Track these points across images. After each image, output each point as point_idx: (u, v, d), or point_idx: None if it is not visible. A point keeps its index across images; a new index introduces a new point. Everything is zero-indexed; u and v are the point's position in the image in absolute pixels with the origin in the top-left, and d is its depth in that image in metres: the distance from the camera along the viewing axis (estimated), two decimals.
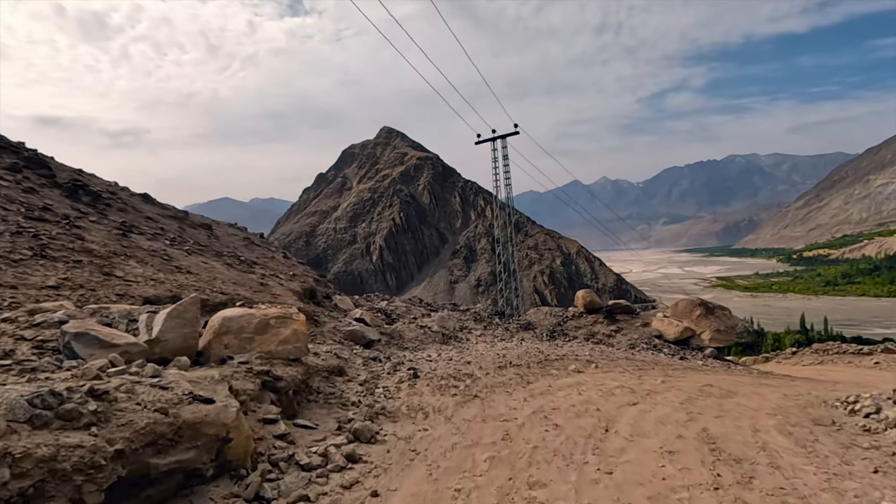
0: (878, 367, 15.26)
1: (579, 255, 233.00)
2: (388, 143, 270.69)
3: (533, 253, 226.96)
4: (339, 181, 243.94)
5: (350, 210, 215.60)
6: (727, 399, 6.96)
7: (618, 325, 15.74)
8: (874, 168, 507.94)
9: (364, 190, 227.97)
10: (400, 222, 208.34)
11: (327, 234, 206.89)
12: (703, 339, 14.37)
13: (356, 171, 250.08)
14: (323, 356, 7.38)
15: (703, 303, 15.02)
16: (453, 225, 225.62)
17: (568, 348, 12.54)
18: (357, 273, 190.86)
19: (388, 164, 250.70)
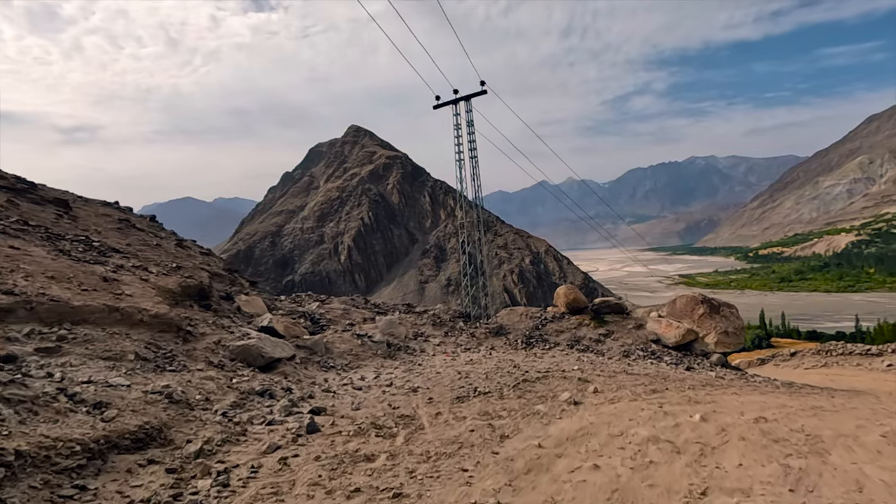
0: (894, 370, 13.37)
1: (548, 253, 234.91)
2: (357, 141, 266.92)
3: (502, 252, 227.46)
4: (305, 180, 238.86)
5: (317, 209, 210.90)
6: (835, 453, 4.15)
7: (607, 328, 13.15)
8: (823, 170, 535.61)
9: (332, 189, 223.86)
10: (369, 222, 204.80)
11: (294, 234, 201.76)
12: (708, 343, 11.95)
13: (324, 169, 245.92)
14: (147, 400, 4.26)
15: (706, 299, 12.58)
16: (423, 224, 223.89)
17: (550, 360, 9.91)
18: (325, 274, 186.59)
19: (356, 162, 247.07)
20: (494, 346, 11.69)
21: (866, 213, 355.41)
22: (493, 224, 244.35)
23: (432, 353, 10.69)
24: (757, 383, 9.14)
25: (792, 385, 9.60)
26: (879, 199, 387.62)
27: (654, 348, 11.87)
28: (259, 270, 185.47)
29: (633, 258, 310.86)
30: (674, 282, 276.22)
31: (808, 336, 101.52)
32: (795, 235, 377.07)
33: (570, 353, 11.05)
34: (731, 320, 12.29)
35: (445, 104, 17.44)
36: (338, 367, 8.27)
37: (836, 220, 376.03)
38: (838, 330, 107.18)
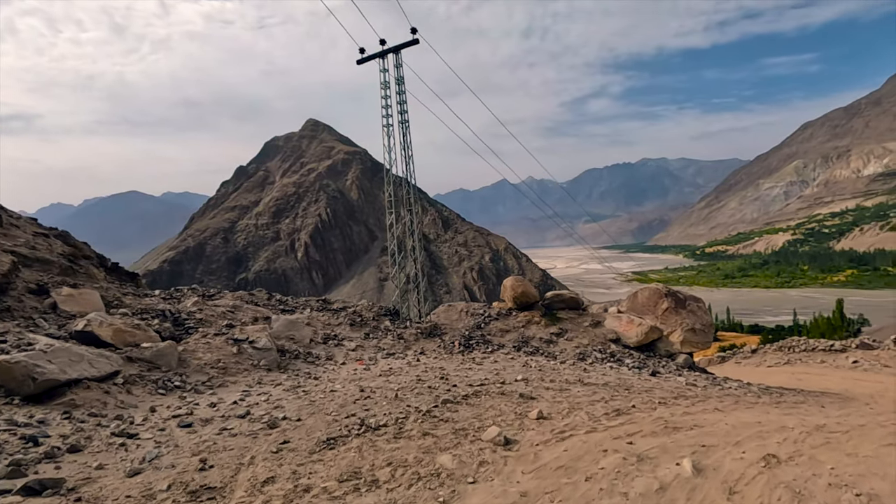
0: (860, 367, 12.42)
1: (507, 251, 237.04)
2: (315, 136, 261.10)
3: (462, 249, 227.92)
4: (261, 175, 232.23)
5: (273, 205, 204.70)
6: None
7: (560, 326, 11.35)
8: (763, 173, 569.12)
9: (288, 184, 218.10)
10: (327, 218, 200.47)
11: (248, 230, 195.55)
12: (673, 343, 10.40)
13: (280, 164, 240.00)
14: None
15: (671, 292, 11.03)
16: (383, 221, 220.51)
17: (490, 367, 8.10)
18: (281, 271, 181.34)
19: (314, 157, 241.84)
20: (425, 351, 9.77)
21: (801, 213, 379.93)
22: (453, 222, 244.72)
23: (343, 360, 8.65)
24: (733, 390, 7.59)
25: (769, 390, 8.14)
26: (812, 200, 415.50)
27: (613, 349, 10.17)
28: (211, 268, 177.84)
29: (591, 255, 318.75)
30: (627, 279, 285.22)
31: (750, 330, 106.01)
32: (738, 234, 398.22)
33: (517, 357, 9.27)
34: (699, 316, 10.79)
35: (370, 58, 15.02)
36: (187, 387, 6.08)
37: (775, 221, 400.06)
38: (778, 324, 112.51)
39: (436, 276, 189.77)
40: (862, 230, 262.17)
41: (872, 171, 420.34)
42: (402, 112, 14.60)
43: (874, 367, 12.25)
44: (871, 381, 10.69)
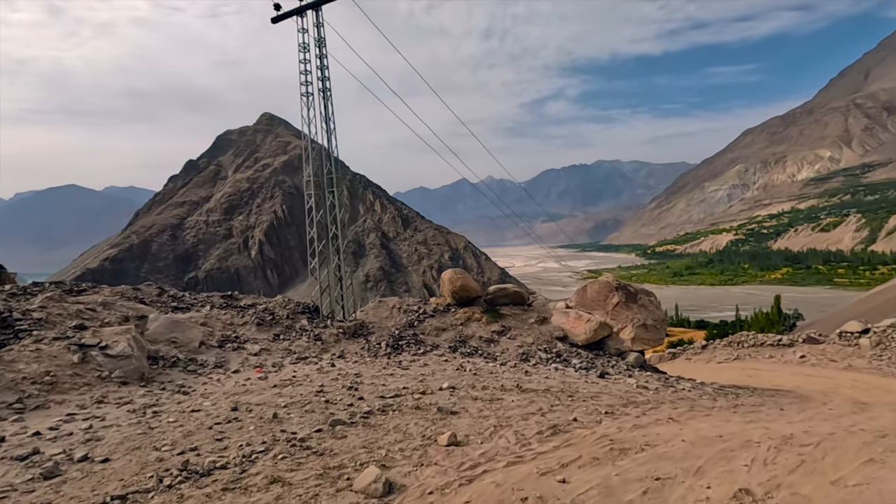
0: (808, 362, 13.05)
1: (467, 249, 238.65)
2: (270, 130, 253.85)
3: (422, 248, 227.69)
4: (212, 169, 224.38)
5: (225, 201, 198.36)
6: None
7: (503, 323, 10.79)
8: (709, 176, 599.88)
9: (242, 180, 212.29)
10: (282, 215, 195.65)
11: (198, 227, 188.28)
12: (624, 340, 10.34)
13: (233, 158, 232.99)
14: None
15: (621, 286, 10.91)
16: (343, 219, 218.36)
17: (416, 373, 7.37)
18: (234, 270, 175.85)
19: (269, 152, 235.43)
20: (345, 353, 8.81)
21: (742, 215, 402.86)
22: (412, 220, 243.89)
23: (237, 368, 7.55)
24: (687, 392, 7.50)
25: (724, 391, 8.22)
26: (753, 203, 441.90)
27: (559, 348, 9.90)
28: (157, 266, 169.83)
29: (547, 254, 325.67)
30: (583, 277, 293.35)
31: (697, 325, 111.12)
32: (686, 234, 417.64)
33: (451, 358, 8.59)
34: (651, 310, 10.74)
35: (287, 15, 13.66)
36: None
37: (719, 221, 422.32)
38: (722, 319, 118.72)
39: (395, 274, 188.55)
40: (796, 231, 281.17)
41: (805, 176, 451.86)
42: (324, 79, 13.44)
43: (821, 362, 12.87)
44: (821, 377, 11.14)
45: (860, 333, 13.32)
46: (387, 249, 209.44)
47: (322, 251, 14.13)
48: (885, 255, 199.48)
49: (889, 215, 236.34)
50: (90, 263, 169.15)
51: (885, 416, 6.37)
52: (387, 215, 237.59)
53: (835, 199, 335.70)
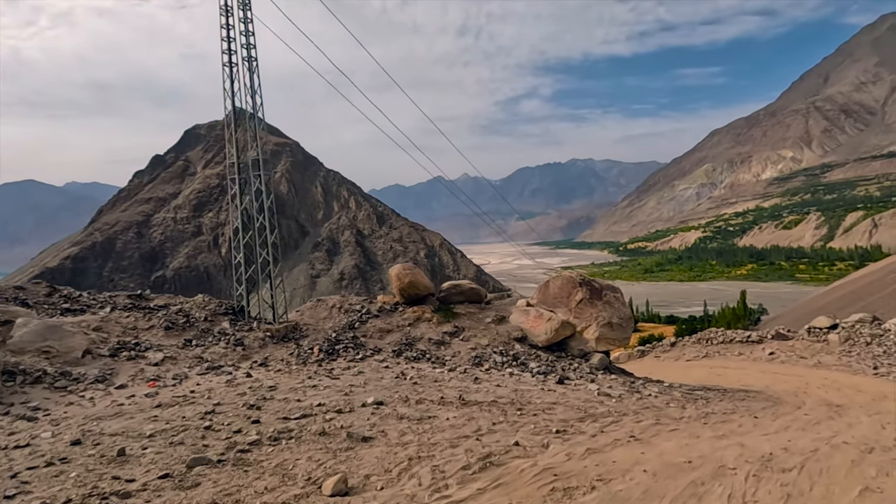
0: (777, 359, 12.69)
1: (442, 247, 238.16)
2: (240, 125, 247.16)
3: (398, 245, 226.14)
4: (180, 165, 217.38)
5: (194, 198, 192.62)
6: None
7: (456, 324, 9.77)
8: (678, 175, 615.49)
9: (212, 175, 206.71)
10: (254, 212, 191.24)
11: (165, 224, 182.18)
12: (588, 340, 9.58)
13: (202, 154, 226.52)
14: None
15: (585, 281, 10.12)
16: (315, 216, 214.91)
17: (345, 384, 6.29)
18: (203, 268, 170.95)
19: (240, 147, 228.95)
20: (268, 361, 7.63)
21: (710, 213, 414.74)
22: (388, 217, 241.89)
23: (125, 382, 6.37)
24: (654, 398, 6.79)
25: (693, 395, 7.59)
26: (720, 201, 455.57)
27: (517, 350, 9.05)
28: (122, 265, 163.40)
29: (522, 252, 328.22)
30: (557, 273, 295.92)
31: (667, 320, 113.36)
32: (656, 232, 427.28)
33: (393, 364, 7.58)
34: (616, 308, 10.00)
35: None
36: None
37: (688, 219, 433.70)
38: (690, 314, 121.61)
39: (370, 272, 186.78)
40: (761, 228, 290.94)
41: (769, 176, 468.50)
42: (249, 47, 12.04)
43: (790, 359, 12.51)
44: (790, 375, 10.73)
45: (829, 329, 13.09)
46: (362, 247, 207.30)
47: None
48: (842, 252, 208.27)
49: (846, 214, 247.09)
50: (49, 262, 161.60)
51: (863, 422, 5.86)
52: (362, 212, 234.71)
53: (796, 197, 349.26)
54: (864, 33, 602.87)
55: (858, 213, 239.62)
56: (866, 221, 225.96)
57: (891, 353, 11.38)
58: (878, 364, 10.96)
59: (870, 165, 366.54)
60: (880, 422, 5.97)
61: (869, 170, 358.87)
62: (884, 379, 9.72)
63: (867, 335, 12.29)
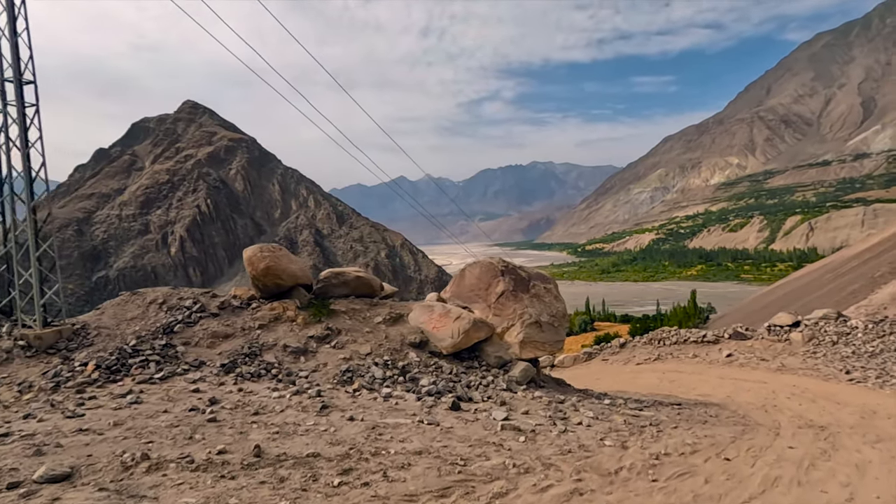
0: (736, 361, 11.18)
1: (403, 247, 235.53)
2: (193, 119, 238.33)
3: (358, 245, 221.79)
4: (126, 159, 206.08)
5: (141, 194, 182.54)
6: None
7: (332, 324, 7.28)
8: (633, 179, 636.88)
9: (161, 171, 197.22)
10: (207, 210, 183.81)
11: (109, 221, 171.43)
12: (510, 344, 7.46)
13: (151, 148, 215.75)
14: None
15: (509, 269, 7.88)
16: (271, 215, 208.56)
17: (69, 430, 3.80)
18: (150, 268, 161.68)
19: (192, 143, 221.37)
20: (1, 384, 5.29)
21: (663, 216, 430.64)
22: (348, 216, 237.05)
23: None
24: (583, 431, 4.68)
25: (641, 417, 5.64)
26: (672, 205, 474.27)
27: (411, 360, 6.71)
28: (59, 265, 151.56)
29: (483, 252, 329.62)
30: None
31: (622, 319, 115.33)
32: (613, 234, 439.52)
33: (212, 387, 5.24)
34: (548, 303, 7.82)
35: None
36: None
37: (642, 222, 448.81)
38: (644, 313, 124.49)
39: None
40: (709, 231, 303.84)
41: (717, 181, 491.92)
42: None
43: (750, 361, 11.00)
44: (753, 382, 9.11)
45: (790, 327, 11.75)
46: (321, 247, 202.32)
47: None
48: (782, 254, 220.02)
49: (786, 218, 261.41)
50: None
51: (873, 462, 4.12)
52: (321, 211, 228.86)
53: (741, 202, 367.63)
54: (801, 49, 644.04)
55: (797, 217, 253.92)
56: (804, 225, 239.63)
57: (860, 355, 10.02)
58: (850, 367, 9.54)
59: (807, 173, 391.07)
60: (893, 455, 4.36)
61: (806, 177, 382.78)
62: (861, 386, 8.27)
63: (832, 333, 10.98)
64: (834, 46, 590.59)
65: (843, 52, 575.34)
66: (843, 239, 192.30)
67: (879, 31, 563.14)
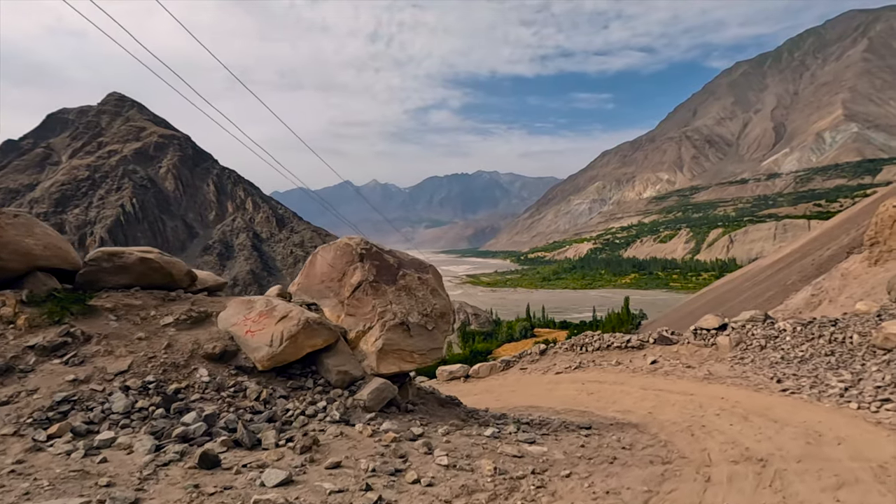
0: (660, 369, 9.98)
1: None
2: (119, 113, 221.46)
3: (298, 250, 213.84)
4: (40, 152, 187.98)
5: (56, 191, 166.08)
6: None
7: (84, 328, 4.87)
8: (573, 191, 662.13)
9: (80, 167, 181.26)
10: (132, 210, 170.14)
11: None
12: (365, 353, 5.37)
13: (69, 141, 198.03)
14: None
15: (371, 252, 5.67)
16: (205, 217, 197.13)
17: None
18: None
19: (117, 137, 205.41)
20: None
21: (600, 227, 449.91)
22: (289, 220, 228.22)
23: None
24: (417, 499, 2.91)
25: (524, 456, 3.93)
26: (609, 216, 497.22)
27: (197, 380, 4.31)
28: None
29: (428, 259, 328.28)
30: (462, 281, 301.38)
31: (561, 325, 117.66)
32: (554, 243, 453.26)
33: None
34: (421, 298, 5.88)
35: None
36: None
37: (581, 232, 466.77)
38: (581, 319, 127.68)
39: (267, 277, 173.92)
40: (642, 242, 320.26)
41: (649, 195, 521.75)
42: None
43: (676, 369, 9.89)
44: (678, 394, 7.84)
45: (717, 330, 10.84)
46: (258, 251, 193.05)
47: None
48: (706, 264, 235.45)
49: (709, 231, 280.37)
50: None
51: None
52: (260, 214, 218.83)
53: (671, 215, 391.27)
54: (723, 76, 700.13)
55: (719, 230, 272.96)
56: (724, 238, 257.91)
57: (790, 360, 9.09)
58: (780, 375, 8.52)
59: (727, 189, 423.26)
60: None
61: (726, 193, 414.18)
62: (796, 398, 7.18)
63: (760, 337, 10.10)
64: (751, 75, 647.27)
65: (759, 80, 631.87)
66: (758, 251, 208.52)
67: (788, 64, 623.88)
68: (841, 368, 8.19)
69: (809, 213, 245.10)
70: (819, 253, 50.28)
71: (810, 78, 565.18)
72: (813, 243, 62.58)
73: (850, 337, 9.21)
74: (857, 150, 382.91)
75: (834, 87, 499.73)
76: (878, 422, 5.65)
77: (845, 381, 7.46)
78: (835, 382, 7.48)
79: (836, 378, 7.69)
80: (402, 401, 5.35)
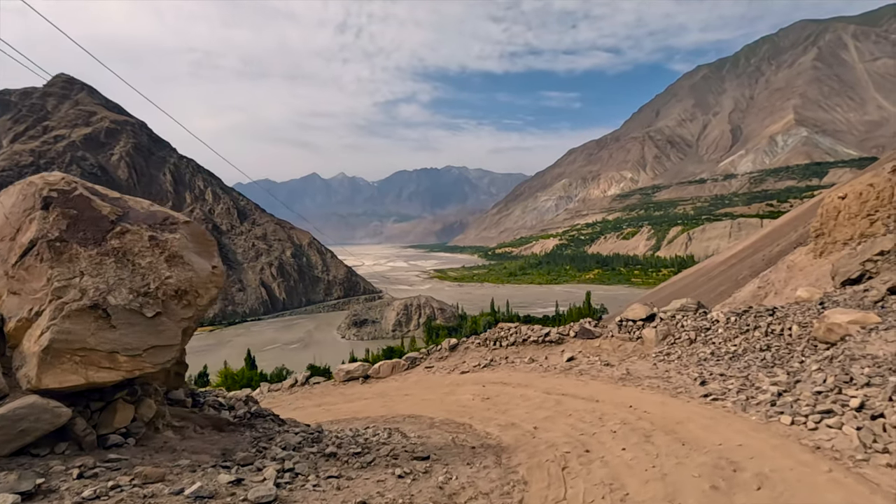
0: (576, 366, 8.48)
1: (311, 246, 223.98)
2: (68, 96, 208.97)
3: (261, 243, 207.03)
4: None
5: None
6: None
7: None
8: (540, 188, 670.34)
9: (22, 152, 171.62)
10: None
11: None
12: (27, 357, 3.31)
13: (10, 125, 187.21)
14: None
15: (68, 196, 3.44)
16: (161, 205, 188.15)
17: None
18: None
19: (64, 122, 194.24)
20: None
21: (566, 223, 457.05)
22: (251, 213, 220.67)
23: None
24: None
25: None
26: (574, 213, 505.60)
27: None
28: None
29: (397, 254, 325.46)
30: (429, 276, 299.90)
31: (525, 320, 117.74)
32: (521, 238, 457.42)
33: None
34: (148, 267, 2.96)
35: None
36: None
37: (548, 228, 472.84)
38: (545, 314, 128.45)
39: (228, 271, 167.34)
40: (605, 238, 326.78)
41: (613, 193, 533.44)
42: None
43: (593, 366, 8.41)
44: (583, 401, 6.06)
45: (644, 321, 9.46)
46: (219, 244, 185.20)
47: None
48: (666, 260, 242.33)
49: (669, 228, 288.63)
50: None
51: None
52: (220, 206, 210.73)
53: (633, 213, 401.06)
54: (684, 79, 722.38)
55: (678, 227, 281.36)
56: (683, 235, 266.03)
57: (720, 356, 7.72)
58: (706, 376, 7.09)
59: (686, 189, 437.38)
60: None
61: (686, 192, 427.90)
62: (718, 407, 5.70)
63: (690, 329, 8.76)
64: (710, 79, 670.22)
65: (718, 84, 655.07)
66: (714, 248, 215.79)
67: (745, 69, 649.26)
68: (776, 367, 6.86)
69: (762, 212, 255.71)
70: (769, 249, 51.15)
71: (765, 83, 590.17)
72: (764, 240, 64.00)
73: (788, 328, 7.96)
74: (806, 154, 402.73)
75: (786, 92, 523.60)
76: (816, 446, 4.17)
77: (779, 384, 6.08)
78: (767, 385, 6.08)
79: (770, 380, 6.31)
80: (105, 431, 3.37)
